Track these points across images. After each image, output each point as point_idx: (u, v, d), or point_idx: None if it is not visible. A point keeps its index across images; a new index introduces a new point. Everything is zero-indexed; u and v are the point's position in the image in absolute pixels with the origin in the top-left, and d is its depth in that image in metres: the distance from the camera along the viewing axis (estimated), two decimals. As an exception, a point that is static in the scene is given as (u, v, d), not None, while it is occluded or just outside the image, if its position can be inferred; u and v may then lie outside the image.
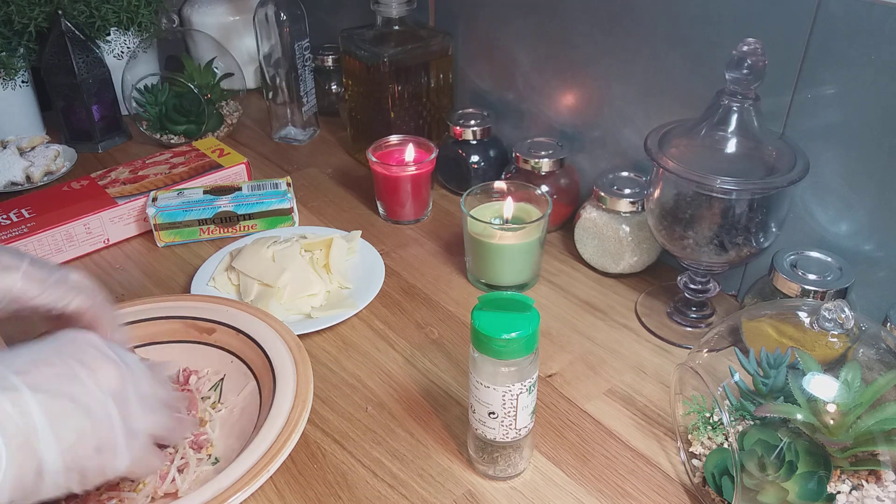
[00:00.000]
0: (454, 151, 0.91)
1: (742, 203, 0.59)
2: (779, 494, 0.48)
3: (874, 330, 0.52)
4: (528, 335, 0.48)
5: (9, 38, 1.00)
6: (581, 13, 0.78)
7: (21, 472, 0.38)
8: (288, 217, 0.86)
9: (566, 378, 0.65)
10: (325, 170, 1.01)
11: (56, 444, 0.39)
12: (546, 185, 0.81)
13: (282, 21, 0.98)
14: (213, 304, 0.67)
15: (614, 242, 0.75)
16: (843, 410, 0.48)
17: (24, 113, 1.06)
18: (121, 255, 0.84)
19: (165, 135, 1.07)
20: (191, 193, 0.85)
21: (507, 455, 0.54)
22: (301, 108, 1.05)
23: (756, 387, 0.52)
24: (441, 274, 0.79)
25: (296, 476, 0.56)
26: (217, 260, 0.79)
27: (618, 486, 0.55)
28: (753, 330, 0.57)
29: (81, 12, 1.02)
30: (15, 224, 0.80)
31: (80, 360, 0.44)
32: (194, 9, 1.19)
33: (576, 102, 0.84)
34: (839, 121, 0.61)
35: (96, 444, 0.42)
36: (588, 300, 0.75)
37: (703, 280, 0.69)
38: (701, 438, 0.55)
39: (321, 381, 0.65)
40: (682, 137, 0.63)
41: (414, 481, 0.55)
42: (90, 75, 1.02)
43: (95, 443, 0.42)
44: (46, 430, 0.39)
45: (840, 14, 0.58)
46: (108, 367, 0.45)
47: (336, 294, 0.75)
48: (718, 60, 0.60)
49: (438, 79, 0.96)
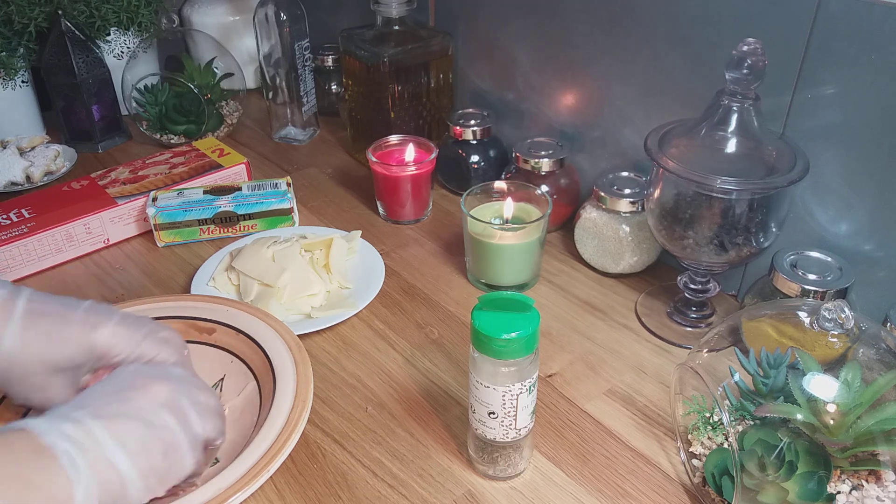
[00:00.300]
0: (454, 151, 0.91)
1: (742, 203, 0.59)
2: (779, 494, 0.48)
3: (874, 330, 0.52)
4: (528, 335, 0.48)
5: (9, 38, 1.00)
6: (581, 13, 0.78)
7: (103, 480, 0.41)
8: (288, 217, 0.86)
9: (566, 378, 0.65)
10: (325, 170, 1.01)
11: (125, 454, 0.42)
12: (546, 185, 0.81)
13: (282, 21, 0.98)
14: (213, 304, 0.67)
15: (614, 242, 0.75)
16: (843, 410, 0.48)
17: (24, 113, 1.06)
18: (121, 255, 0.84)
19: (165, 135, 1.07)
20: (191, 193, 0.85)
21: (507, 455, 0.54)
22: (301, 108, 1.05)
23: (756, 387, 0.52)
24: (441, 274, 0.79)
25: (296, 476, 0.56)
26: (217, 260, 0.79)
27: (618, 486, 0.55)
28: (753, 330, 0.57)
29: (81, 12, 1.02)
30: (15, 224, 0.80)
31: (131, 385, 0.47)
32: (194, 9, 1.19)
33: (576, 102, 0.84)
34: (839, 121, 0.61)
35: (163, 449, 0.45)
36: (588, 300, 0.75)
37: (703, 280, 0.69)
38: (701, 438, 0.55)
39: (321, 381, 0.65)
40: (682, 137, 0.63)
41: (414, 481, 0.55)
42: (90, 75, 1.02)
43: (162, 447, 0.45)
44: (113, 444, 0.42)
45: (840, 14, 0.58)
46: (158, 383, 0.47)
47: (336, 294, 0.75)
48: (718, 60, 0.60)
49: (438, 79, 0.96)
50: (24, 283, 0.78)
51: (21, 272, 0.79)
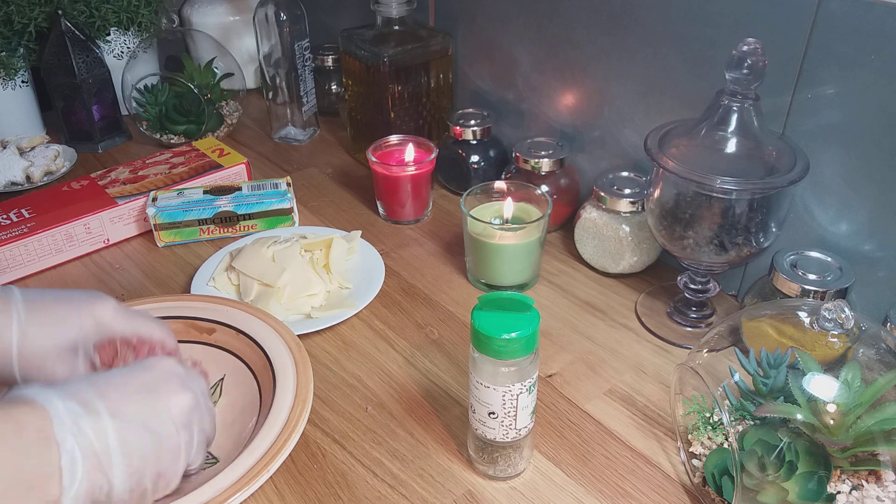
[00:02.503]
0: (454, 151, 0.91)
1: (742, 203, 0.59)
2: (779, 494, 0.48)
3: (874, 330, 0.52)
4: (528, 335, 0.48)
5: (9, 38, 1.00)
6: (581, 13, 0.78)
7: (92, 488, 0.41)
8: (288, 217, 0.86)
9: (566, 378, 0.65)
10: (325, 170, 1.01)
11: (125, 467, 0.42)
12: (546, 185, 0.81)
13: (282, 21, 0.98)
14: (213, 304, 0.67)
15: (614, 242, 0.75)
16: (843, 410, 0.48)
17: (24, 113, 1.06)
18: (121, 255, 0.84)
19: (165, 135, 1.07)
20: (191, 193, 0.85)
21: (507, 455, 0.54)
22: (301, 108, 1.05)
23: (756, 387, 0.52)
24: (441, 274, 0.79)
25: (296, 476, 0.56)
26: (217, 260, 0.79)
27: (618, 486, 0.55)
28: (753, 330, 0.57)
29: (81, 12, 1.02)
30: (15, 224, 0.80)
31: (159, 388, 0.47)
32: (194, 9, 1.19)
33: (576, 102, 0.84)
34: (839, 121, 0.61)
35: (158, 471, 0.45)
36: (588, 300, 0.75)
37: (703, 280, 0.69)
38: (701, 438, 0.55)
39: (321, 381, 0.65)
40: (682, 137, 0.63)
41: (414, 481, 0.55)
42: (90, 75, 1.02)
43: (157, 470, 0.45)
44: (119, 455, 0.42)
45: (840, 14, 0.58)
46: (183, 397, 0.47)
47: (336, 294, 0.75)
48: (718, 60, 0.60)
49: (438, 79, 0.96)
50: (24, 284, 0.79)
51: (21, 272, 0.79)
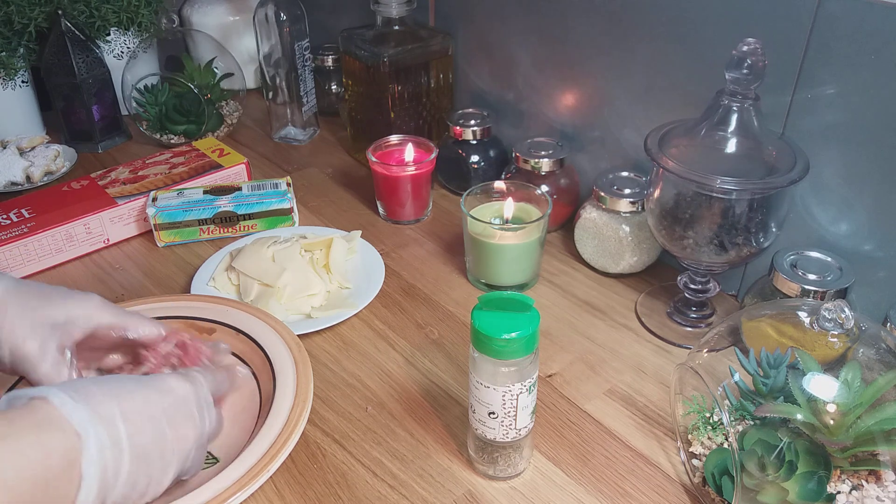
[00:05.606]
0: (454, 151, 0.91)
1: (742, 203, 0.59)
2: (779, 494, 0.48)
3: (874, 330, 0.52)
4: (528, 335, 0.48)
5: (9, 38, 1.00)
6: (581, 13, 0.78)
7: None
8: (288, 217, 0.86)
9: (566, 378, 0.65)
10: (325, 170, 1.01)
11: (122, 487, 0.43)
12: (546, 185, 0.81)
13: (282, 21, 0.98)
14: (213, 304, 0.67)
15: (614, 242, 0.75)
16: (843, 410, 0.48)
17: (24, 113, 1.06)
18: (121, 255, 0.84)
19: (165, 135, 1.07)
20: (191, 193, 0.85)
21: (507, 455, 0.54)
22: (301, 108, 1.05)
23: (756, 387, 0.52)
24: (441, 274, 0.79)
25: (296, 476, 0.56)
26: (217, 260, 0.79)
27: (618, 486, 0.55)
28: (753, 330, 0.57)
29: (81, 12, 1.02)
30: (15, 224, 0.80)
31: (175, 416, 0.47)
32: (194, 9, 1.19)
33: (576, 102, 0.84)
34: (839, 121, 0.61)
35: (144, 492, 0.45)
36: (588, 300, 0.75)
37: (703, 280, 0.69)
38: (701, 438, 0.55)
39: (321, 381, 0.65)
40: (682, 137, 0.63)
41: (414, 481, 0.55)
42: (90, 75, 1.02)
43: (145, 490, 0.45)
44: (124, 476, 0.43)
45: (840, 14, 0.58)
46: (190, 432, 0.48)
47: (336, 294, 0.75)
48: (718, 60, 0.60)
49: (438, 79, 0.96)
50: (24, 283, 0.79)
51: (21, 272, 0.79)
